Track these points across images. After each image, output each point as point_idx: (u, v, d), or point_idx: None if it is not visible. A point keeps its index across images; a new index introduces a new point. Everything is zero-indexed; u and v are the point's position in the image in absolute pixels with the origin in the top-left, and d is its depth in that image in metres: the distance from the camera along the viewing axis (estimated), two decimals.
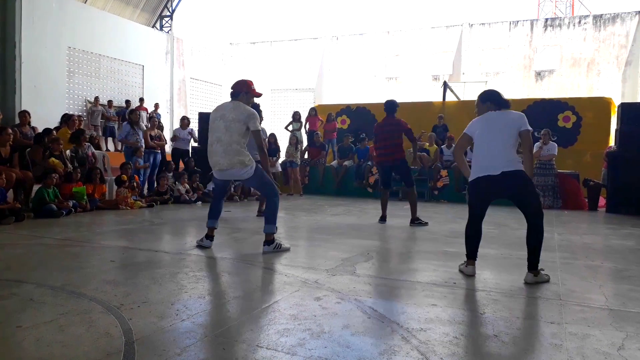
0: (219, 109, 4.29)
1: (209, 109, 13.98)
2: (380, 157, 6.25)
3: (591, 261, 4.13)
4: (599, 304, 2.86)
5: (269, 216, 4.23)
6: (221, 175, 4.25)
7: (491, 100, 3.62)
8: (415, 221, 6.12)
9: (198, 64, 20.04)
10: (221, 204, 4.56)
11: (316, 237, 5.17)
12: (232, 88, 4.36)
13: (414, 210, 6.17)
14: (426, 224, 6.12)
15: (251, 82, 4.40)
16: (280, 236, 5.46)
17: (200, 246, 4.35)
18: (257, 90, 4.41)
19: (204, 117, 10.40)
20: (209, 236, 4.40)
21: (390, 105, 6.18)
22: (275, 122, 20.39)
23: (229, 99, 4.35)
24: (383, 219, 6.32)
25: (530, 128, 3.42)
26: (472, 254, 3.54)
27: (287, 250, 4.28)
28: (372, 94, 19.90)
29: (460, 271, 3.58)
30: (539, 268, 3.36)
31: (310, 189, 11.10)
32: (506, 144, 3.40)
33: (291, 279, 3.26)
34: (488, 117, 3.55)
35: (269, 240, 4.21)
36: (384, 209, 6.40)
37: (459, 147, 3.72)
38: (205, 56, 20.68)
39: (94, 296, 2.77)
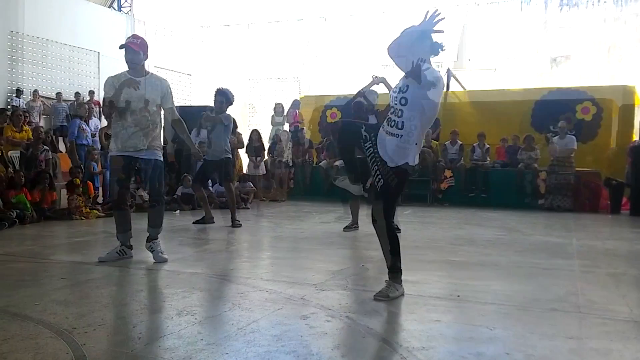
0: None
1: (176, 102, 13.86)
2: None
3: (614, 269, 4.20)
4: (622, 315, 2.92)
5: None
6: None
7: None
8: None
9: (163, 50, 19.90)
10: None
11: (302, 248, 5.17)
12: (142, 50, 4.31)
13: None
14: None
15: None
16: (263, 247, 5.45)
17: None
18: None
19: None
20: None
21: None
22: (254, 117, 20.36)
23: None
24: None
25: None
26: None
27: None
28: (366, 82, 19.98)
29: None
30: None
31: (296, 194, 11.06)
32: None
33: (273, 296, 3.26)
34: None
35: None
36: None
37: None
38: (171, 41, 20.57)
39: (41, 319, 2.74)
